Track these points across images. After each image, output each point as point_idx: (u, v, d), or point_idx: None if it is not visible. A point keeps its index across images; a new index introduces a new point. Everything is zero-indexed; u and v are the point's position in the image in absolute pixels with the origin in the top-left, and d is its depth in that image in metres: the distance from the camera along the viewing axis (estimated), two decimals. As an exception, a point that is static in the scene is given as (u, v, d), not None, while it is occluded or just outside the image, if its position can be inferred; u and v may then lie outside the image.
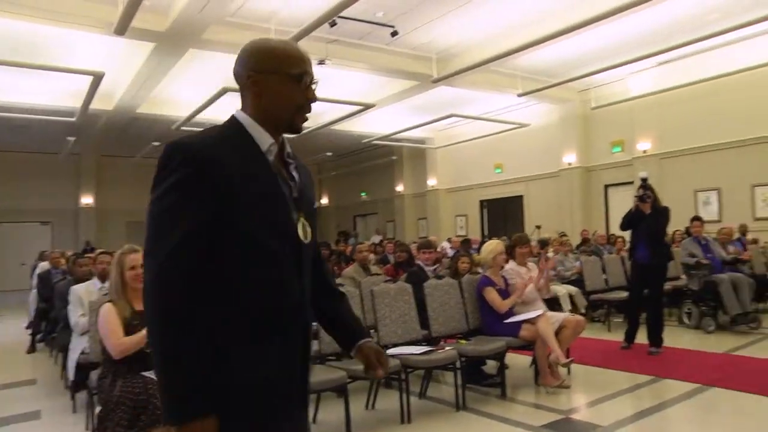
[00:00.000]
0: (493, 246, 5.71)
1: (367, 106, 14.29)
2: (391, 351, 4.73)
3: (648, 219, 6.72)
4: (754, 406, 4.75)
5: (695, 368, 5.92)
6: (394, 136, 18.39)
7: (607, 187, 15.64)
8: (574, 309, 8.23)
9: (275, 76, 1.64)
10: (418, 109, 16.09)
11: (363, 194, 24.69)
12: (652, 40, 11.53)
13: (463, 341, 5.25)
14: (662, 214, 6.80)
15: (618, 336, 7.31)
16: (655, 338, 6.72)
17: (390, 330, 5.06)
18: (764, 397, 4.87)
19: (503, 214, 18.45)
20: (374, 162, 22.81)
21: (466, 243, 11.94)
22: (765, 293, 9.32)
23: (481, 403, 5.05)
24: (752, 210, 12.70)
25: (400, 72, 12.40)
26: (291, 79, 1.64)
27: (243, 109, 1.67)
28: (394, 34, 10.63)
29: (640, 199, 6.72)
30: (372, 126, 17.65)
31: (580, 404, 5.01)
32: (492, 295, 5.44)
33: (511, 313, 5.42)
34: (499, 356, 5.19)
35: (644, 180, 6.86)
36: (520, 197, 17.90)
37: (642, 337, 6.87)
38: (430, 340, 5.27)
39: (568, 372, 5.60)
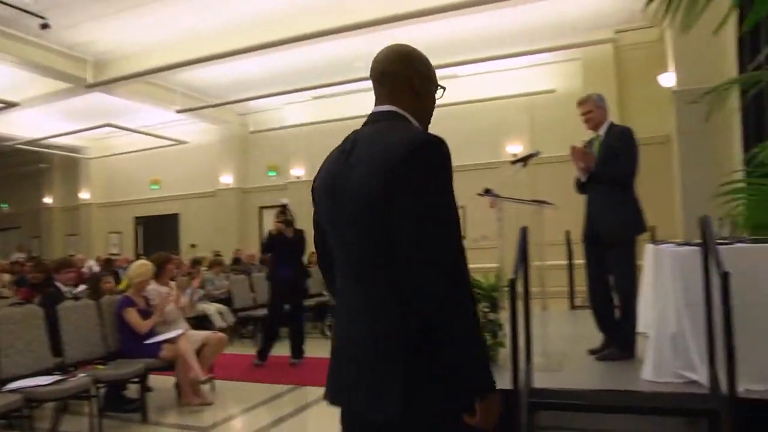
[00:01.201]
0: (145, 269, 5.57)
1: (9, 104, 12.61)
2: (13, 385, 4.23)
3: (289, 241, 7.21)
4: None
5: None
6: (43, 142, 16.50)
7: (262, 208, 16.29)
8: (224, 326, 8.41)
9: (431, 83, 1.83)
10: (72, 115, 14.82)
11: (3, 205, 21.60)
12: (308, 75, 12.54)
13: (101, 366, 4.98)
14: (301, 236, 7.34)
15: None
16: (297, 350, 7.21)
17: (14, 360, 4.49)
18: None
19: (160, 232, 17.87)
20: (19, 169, 20.11)
21: (108, 262, 11.35)
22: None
23: (120, 430, 4.86)
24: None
25: (51, 70, 11.25)
26: (436, 88, 1.85)
27: (394, 105, 1.77)
28: (45, 26, 9.56)
29: (287, 223, 7.19)
30: (18, 127, 15.63)
31: (221, 419, 5.12)
32: (132, 315, 5.28)
33: (152, 333, 5.33)
34: (139, 379, 5.04)
35: (285, 206, 7.40)
36: (177, 215, 17.63)
37: (283, 350, 7.27)
38: (65, 368, 4.87)
39: (212, 389, 5.71)
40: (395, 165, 1.58)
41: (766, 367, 3.27)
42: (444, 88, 1.90)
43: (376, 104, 1.82)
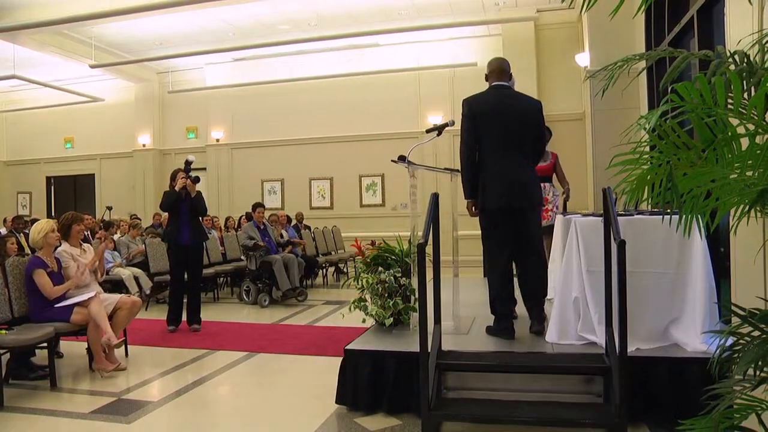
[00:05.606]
0: (42, 225, 5.32)
1: None
2: None
3: (191, 200, 6.91)
4: (290, 363, 5.55)
5: (247, 339, 6.57)
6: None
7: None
8: (139, 291, 8.23)
9: None
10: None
11: None
12: (230, 36, 12.22)
13: (3, 331, 4.76)
14: (201, 196, 7.08)
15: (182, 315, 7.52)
16: (196, 316, 7.03)
17: None
18: (299, 356, 5.75)
19: (74, 193, 17.28)
20: None
21: (19, 219, 10.78)
22: (313, 270, 10.88)
23: (27, 398, 4.63)
24: (309, 200, 14.56)
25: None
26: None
27: (507, 82, 4.30)
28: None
29: (194, 180, 6.90)
30: None
31: (135, 384, 5.02)
32: (43, 278, 5.07)
33: (62, 297, 5.15)
34: (48, 344, 4.86)
35: (190, 163, 7.03)
36: (92, 176, 17.03)
37: (202, 316, 7.19)
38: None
39: (126, 354, 5.61)
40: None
41: (653, 328, 3.55)
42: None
43: (500, 80, 4.25)
